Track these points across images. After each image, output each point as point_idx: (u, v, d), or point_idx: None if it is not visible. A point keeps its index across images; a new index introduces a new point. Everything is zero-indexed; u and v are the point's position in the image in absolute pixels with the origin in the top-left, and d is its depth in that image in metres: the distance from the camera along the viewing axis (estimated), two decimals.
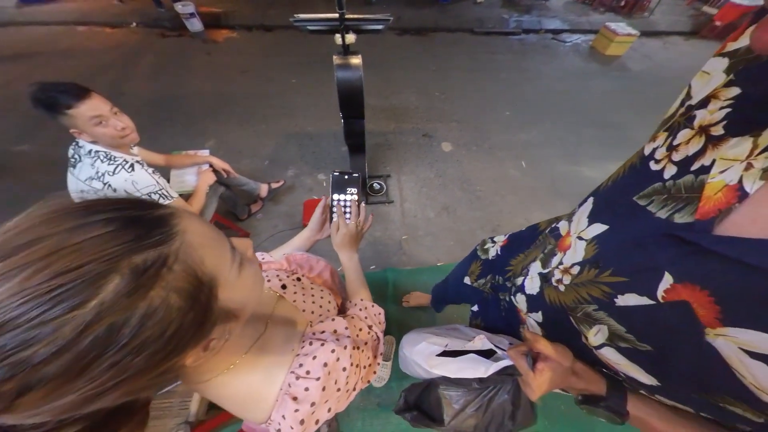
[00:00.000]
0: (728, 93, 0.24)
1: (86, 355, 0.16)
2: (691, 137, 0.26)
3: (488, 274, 0.67)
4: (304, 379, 0.33)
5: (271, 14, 3.93)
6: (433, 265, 1.67)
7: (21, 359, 0.15)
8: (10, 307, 0.15)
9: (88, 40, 3.47)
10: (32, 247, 0.16)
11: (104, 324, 0.16)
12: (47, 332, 0.15)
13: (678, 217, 0.25)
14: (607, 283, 0.31)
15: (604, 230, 0.33)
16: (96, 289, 0.16)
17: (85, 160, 0.91)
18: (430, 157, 2.28)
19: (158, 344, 0.19)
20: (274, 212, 1.88)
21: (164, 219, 0.21)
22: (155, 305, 0.18)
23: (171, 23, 3.65)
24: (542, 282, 0.43)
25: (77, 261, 0.16)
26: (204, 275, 0.22)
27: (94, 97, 0.84)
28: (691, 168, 0.25)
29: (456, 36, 3.97)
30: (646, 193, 0.29)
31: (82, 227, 0.18)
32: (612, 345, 0.31)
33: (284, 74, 3.04)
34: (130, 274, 0.17)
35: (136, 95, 2.69)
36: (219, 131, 2.39)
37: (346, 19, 0.92)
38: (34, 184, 1.93)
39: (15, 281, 0.15)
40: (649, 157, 0.30)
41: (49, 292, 0.15)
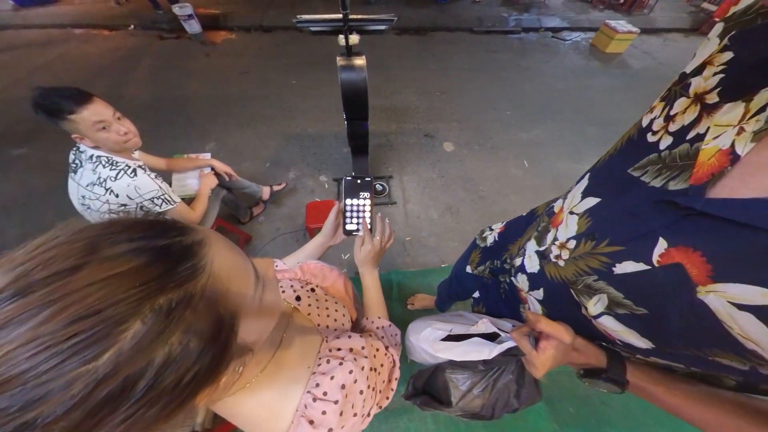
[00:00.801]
0: (722, 58, 0.25)
1: (97, 413, 0.14)
2: (687, 106, 0.27)
3: (487, 260, 0.68)
4: (321, 401, 0.32)
5: (270, 15, 3.91)
6: (437, 267, 1.66)
7: (25, 421, 0.13)
8: (19, 359, 0.13)
9: (85, 43, 3.45)
10: (53, 284, 0.15)
11: (119, 378, 0.15)
12: (56, 389, 0.14)
13: (672, 184, 0.26)
14: (605, 253, 0.31)
15: (596, 203, 0.34)
16: (114, 338, 0.15)
17: (87, 166, 0.89)
18: (432, 158, 2.27)
19: (173, 394, 0.17)
20: (276, 215, 1.86)
21: (193, 249, 0.20)
22: (175, 353, 0.17)
23: (169, 25, 3.64)
24: (541, 259, 0.44)
25: (98, 304, 0.15)
26: (226, 312, 0.20)
27: (97, 102, 0.82)
28: (687, 137, 0.26)
29: (455, 35, 3.96)
30: (641, 165, 0.29)
31: (109, 260, 0.16)
32: (610, 313, 0.32)
33: (284, 75, 3.03)
34: (153, 319, 0.16)
35: (135, 98, 2.67)
36: (219, 134, 2.37)
37: (350, 20, 0.90)
38: (33, 189, 1.91)
39: (29, 325, 0.14)
40: (647, 128, 0.30)
41: (63, 342, 0.14)
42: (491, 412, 0.48)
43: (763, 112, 0.21)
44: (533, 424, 1.11)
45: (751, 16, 0.24)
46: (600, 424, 1.15)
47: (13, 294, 0.14)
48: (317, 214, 1.64)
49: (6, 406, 0.13)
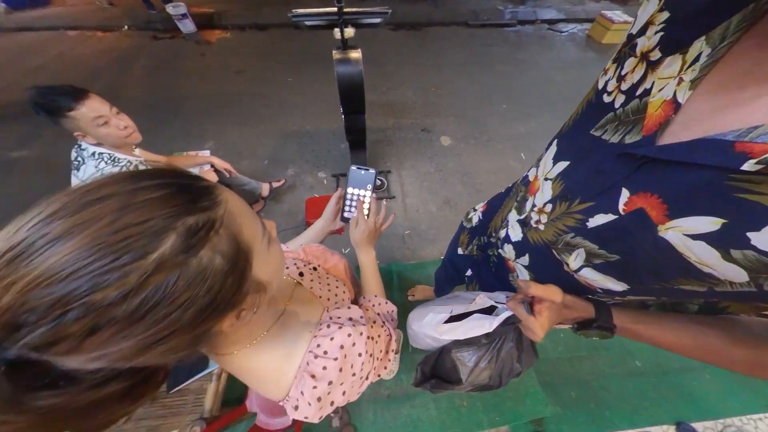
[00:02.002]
0: (660, 17, 0.27)
1: (147, 302, 0.18)
2: (636, 65, 0.29)
3: (474, 238, 0.70)
4: (322, 358, 0.34)
5: (265, 13, 3.89)
6: (436, 259, 1.68)
7: (93, 300, 0.16)
8: (84, 254, 0.16)
9: (79, 45, 3.43)
10: (103, 203, 0.18)
11: (162, 275, 0.18)
12: (115, 278, 0.17)
13: (628, 138, 0.28)
14: (578, 210, 0.34)
15: (566, 166, 0.37)
16: (157, 244, 0.18)
17: (89, 162, 0.91)
18: (429, 152, 2.28)
19: (204, 301, 0.20)
20: (276, 211, 1.88)
21: (209, 189, 0.23)
22: (204, 264, 0.20)
23: (163, 25, 3.62)
24: (523, 227, 0.46)
25: (140, 217, 0.18)
26: (242, 243, 0.23)
27: (93, 97, 0.84)
28: (636, 93, 0.28)
29: (450, 30, 3.95)
30: (601, 125, 0.32)
31: (144, 189, 0.19)
32: (589, 265, 0.34)
33: (280, 73, 3.02)
34: (185, 233, 0.19)
35: (131, 99, 2.67)
36: (217, 132, 2.38)
37: (345, 13, 0.91)
38: (35, 189, 1.92)
39: (88, 231, 0.17)
40: (603, 90, 0.33)
41: (116, 243, 0.17)
42: (499, 381, 0.50)
43: (697, 62, 0.24)
44: (531, 408, 1.14)
45: None
46: (599, 407, 1.18)
47: (72, 210, 0.18)
48: (317, 209, 1.66)
49: (76, 287, 0.16)
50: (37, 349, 0.16)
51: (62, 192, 0.19)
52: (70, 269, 0.16)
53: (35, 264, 0.16)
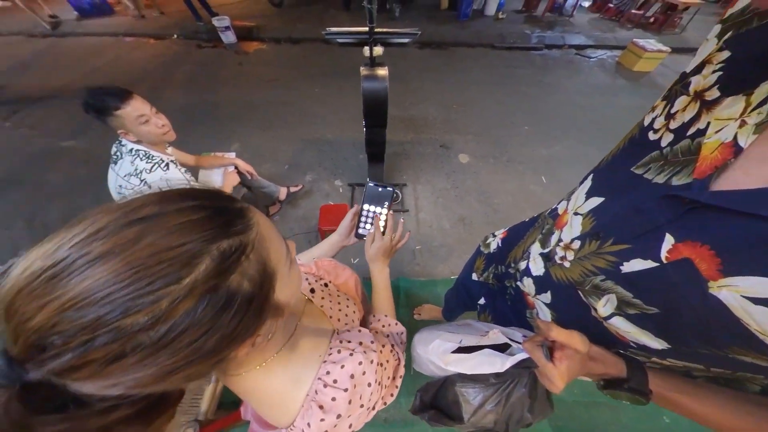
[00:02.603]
0: (720, 57, 0.26)
1: (175, 329, 0.17)
2: (687, 104, 0.27)
3: (490, 265, 0.67)
4: (331, 388, 0.33)
5: (300, 28, 4.16)
6: (446, 278, 1.63)
7: (123, 326, 0.16)
8: (120, 277, 0.16)
9: (133, 50, 3.80)
10: (142, 224, 0.18)
11: (193, 300, 0.18)
12: (148, 302, 0.17)
13: (676, 179, 0.26)
14: (611, 252, 0.31)
15: (599, 203, 0.35)
16: (191, 268, 0.18)
17: (126, 158, 0.97)
18: (446, 168, 2.27)
19: (228, 328, 0.20)
20: (291, 215, 1.92)
21: (243, 211, 0.23)
22: (233, 289, 0.20)
23: (208, 35, 3.94)
24: (545, 262, 0.43)
25: (177, 241, 0.18)
26: (269, 267, 0.23)
27: (136, 98, 0.91)
28: (688, 133, 0.26)
29: (476, 51, 4.02)
30: (643, 163, 0.30)
31: (182, 211, 0.20)
32: (621, 313, 0.31)
33: (308, 84, 3.18)
34: (219, 257, 0.19)
35: (172, 101, 2.89)
36: (244, 135, 2.50)
37: (376, 33, 0.95)
38: (77, 178, 2.09)
39: (126, 254, 0.17)
40: (648, 127, 0.31)
41: (151, 267, 0.17)
42: (505, 428, 0.46)
43: (764, 105, 0.22)
44: None
45: (747, 16, 0.25)
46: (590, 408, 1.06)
47: (112, 230, 0.18)
48: (330, 217, 1.67)
49: (108, 311, 0.16)
50: (59, 374, 0.16)
51: (105, 209, 0.19)
52: (105, 292, 0.16)
53: (72, 285, 0.16)
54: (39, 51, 3.71)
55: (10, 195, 2.00)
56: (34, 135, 2.47)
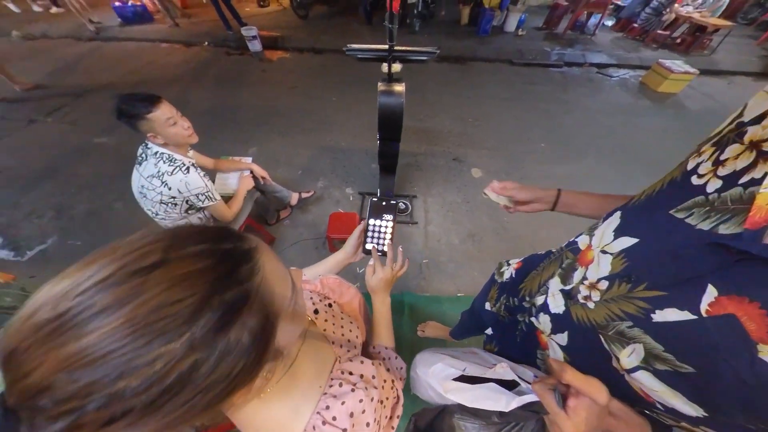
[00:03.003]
0: None
1: (169, 391, 0.17)
2: (741, 152, 0.26)
3: (502, 296, 0.65)
4: (330, 426, 0.32)
5: (323, 39, 4.32)
6: (453, 296, 1.59)
7: (116, 390, 0.16)
8: (116, 337, 0.16)
9: (167, 56, 4.05)
10: (146, 275, 0.18)
11: (190, 360, 0.17)
12: (141, 365, 0.16)
13: (723, 228, 0.24)
14: (643, 297, 0.29)
15: (633, 243, 0.32)
16: (190, 324, 0.18)
17: (150, 160, 1.02)
18: (458, 182, 2.25)
19: (224, 383, 0.19)
20: (300, 221, 1.94)
21: (250, 254, 0.23)
22: (231, 343, 0.19)
23: (236, 43, 4.16)
24: (567, 300, 0.41)
25: (179, 294, 0.18)
26: (271, 312, 0.23)
27: (164, 102, 0.96)
28: (740, 181, 0.25)
29: (494, 66, 4.03)
30: (686, 206, 0.28)
31: (187, 258, 0.19)
32: (648, 368, 0.28)
33: (326, 92, 3.27)
34: (220, 310, 0.19)
35: (198, 104, 3.04)
36: (262, 139, 2.59)
37: (395, 51, 0.97)
38: (104, 173, 2.21)
39: (128, 309, 0.17)
40: (692, 171, 0.30)
41: (151, 324, 0.17)
42: None
43: None
44: None
45: None
46: None
47: (116, 281, 0.17)
48: (339, 225, 1.68)
49: (103, 375, 0.16)
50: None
51: (115, 253, 0.19)
52: (102, 352, 0.16)
53: (71, 341, 0.16)
54: (83, 54, 4.03)
55: (44, 186, 2.14)
56: (71, 131, 2.65)
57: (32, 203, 2.01)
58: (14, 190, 2.09)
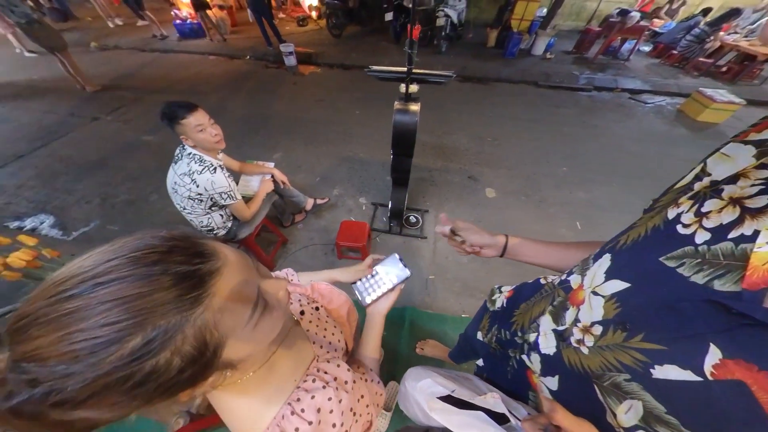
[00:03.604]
0: (759, 174, 0.25)
1: (101, 391, 0.20)
2: (723, 206, 0.26)
3: (494, 325, 0.62)
4: (297, 417, 0.33)
5: (352, 57, 4.59)
6: (457, 315, 1.55)
7: (60, 388, 0.19)
8: (75, 341, 0.19)
9: (213, 67, 4.50)
10: (103, 289, 0.20)
11: (116, 374, 0.20)
12: (81, 369, 0.19)
13: (719, 284, 0.24)
14: (640, 349, 0.28)
15: (625, 287, 0.32)
16: (123, 343, 0.20)
17: (184, 159, 1.14)
18: (472, 200, 2.23)
19: (154, 393, 0.22)
20: (313, 225, 2.02)
21: (205, 279, 0.23)
22: (160, 365, 0.21)
23: (274, 58, 4.54)
24: (558, 341, 0.39)
25: (117, 316, 0.20)
26: (212, 339, 0.24)
27: (200, 111, 1.08)
28: (729, 236, 0.25)
29: (518, 87, 4.03)
30: (676, 255, 0.28)
31: (143, 278, 0.21)
32: (648, 428, 0.26)
33: (351, 106, 3.44)
34: (150, 336, 0.20)
35: (234, 111, 3.32)
36: (287, 147, 2.75)
37: (413, 73, 1.03)
38: (147, 167, 2.46)
39: (88, 323, 0.20)
40: (674, 221, 0.29)
41: (94, 338, 0.19)
42: None
43: None
44: None
45: None
46: None
47: (82, 290, 0.20)
48: (349, 233, 1.72)
49: (55, 370, 0.19)
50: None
51: (106, 254, 0.22)
52: (66, 349, 0.19)
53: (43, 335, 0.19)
54: (144, 63, 4.58)
55: (96, 175, 2.42)
56: (124, 128, 3.00)
57: (83, 189, 2.27)
58: (70, 177, 2.39)
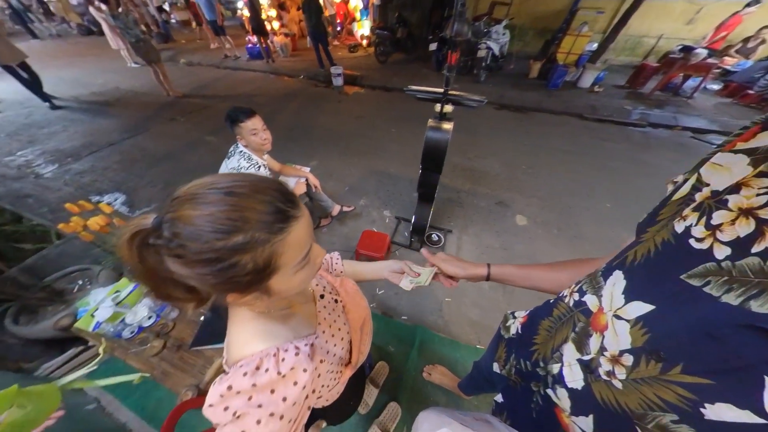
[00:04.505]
0: (761, 182, 0.24)
1: (203, 261, 0.29)
2: (735, 218, 0.25)
3: (511, 355, 0.56)
4: (275, 361, 0.35)
5: (394, 80, 4.90)
6: (471, 345, 1.45)
7: (187, 244, 0.28)
8: (207, 220, 0.28)
9: (272, 84, 5.11)
10: (235, 196, 0.30)
11: (218, 253, 0.28)
12: (204, 239, 0.28)
13: (756, 305, 0.22)
14: (683, 383, 0.25)
15: (649, 310, 0.29)
16: (230, 236, 0.28)
17: (236, 156, 1.31)
18: (498, 226, 2.15)
19: (225, 282, 0.30)
20: (336, 231, 2.09)
21: (290, 220, 0.32)
22: (241, 262, 0.30)
23: (324, 78, 5.03)
24: (586, 373, 0.35)
25: (240, 213, 0.29)
26: (273, 263, 0.32)
27: (256, 117, 1.26)
28: (752, 250, 0.23)
29: (559, 118, 3.90)
30: (698, 273, 0.26)
31: (256, 196, 0.30)
32: None
33: (387, 124, 3.62)
34: (248, 239, 0.29)
35: (283, 121, 3.70)
36: (324, 156, 2.96)
37: (449, 95, 1.08)
38: (205, 162, 2.81)
39: (213, 209, 0.29)
40: (685, 234, 0.28)
41: (219, 224, 0.28)
42: None
43: None
44: None
45: None
46: None
47: (223, 190, 0.29)
48: (369, 242, 1.76)
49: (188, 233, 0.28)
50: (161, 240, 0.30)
51: (239, 177, 0.32)
52: (197, 223, 0.28)
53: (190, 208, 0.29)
54: (217, 77, 5.38)
55: (163, 165, 2.82)
56: (192, 129, 3.49)
57: (152, 176, 2.66)
58: (144, 165, 2.82)
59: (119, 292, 1.07)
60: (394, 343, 1.46)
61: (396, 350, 1.43)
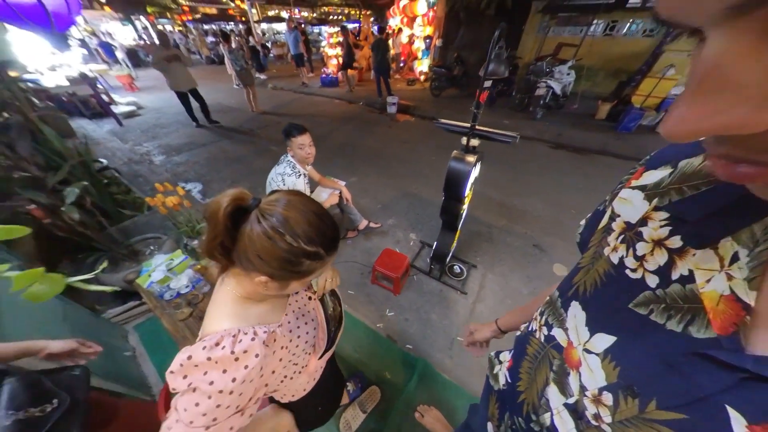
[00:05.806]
0: (659, 215, 0.27)
1: (278, 252, 0.39)
2: (652, 249, 0.27)
3: (504, 412, 0.50)
4: (232, 341, 0.39)
5: (444, 113, 5.09)
6: (476, 395, 1.30)
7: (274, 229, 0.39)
8: (288, 222, 0.40)
9: (333, 108, 5.80)
10: (293, 210, 0.41)
11: (289, 249, 0.39)
12: (293, 233, 0.40)
13: (694, 330, 0.23)
14: (663, 421, 0.24)
15: (613, 342, 0.30)
16: (300, 243, 0.40)
17: (283, 163, 1.53)
18: (530, 271, 1.95)
19: (286, 273, 0.42)
20: (360, 245, 2.18)
21: (336, 248, 0.44)
22: (301, 263, 0.41)
23: (379, 106, 5.51)
24: (575, 419, 0.32)
25: (311, 233, 0.41)
26: (309, 271, 0.43)
27: (306, 134, 1.47)
28: (672, 277, 0.25)
29: (627, 163, 3.47)
30: (641, 302, 0.27)
31: (315, 216, 0.42)
32: None
33: (429, 151, 3.73)
34: (312, 251, 0.41)
35: (335, 139, 4.12)
36: (363, 173, 3.18)
37: (475, 129, 1.12)
38: (263, 168, 3.27)
39: (299, 220, 0.40)
40: (620, 265, 0.30)
41: (293, 229, 0.39)
42: None
43: (737, 261, 0.21)
44: None
45: (667, 189, 0.27)
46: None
47: (284, 206, 0.41)
48: (388, 260, 1.78)
49: (275, 224, 0.40)
50: None
51: (287, 194, 0.43)
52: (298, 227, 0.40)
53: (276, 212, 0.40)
54: (293, 99, 6.36)
55: (235, 166, 3.39)
56: (264, 141, 4.15)
57: (224, 172, 3.21)
58: (221, 164, 3.42)
59: (173, 260, 1.31)
60: (392, 370, 1.40)
61: (393, 378, 1.37)
